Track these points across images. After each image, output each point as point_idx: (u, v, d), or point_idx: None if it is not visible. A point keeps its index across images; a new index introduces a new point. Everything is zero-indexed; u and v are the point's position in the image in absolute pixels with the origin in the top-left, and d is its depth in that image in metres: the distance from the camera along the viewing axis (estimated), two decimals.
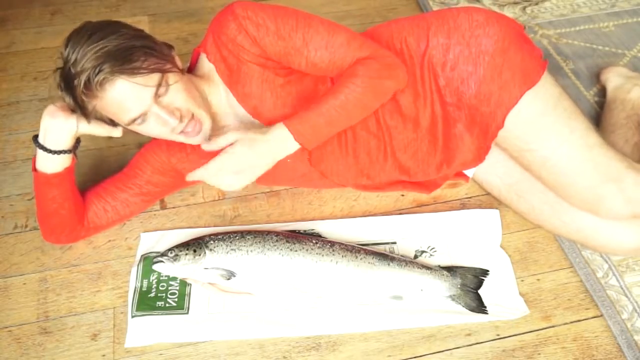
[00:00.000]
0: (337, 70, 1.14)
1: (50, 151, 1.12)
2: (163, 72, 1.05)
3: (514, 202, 1.29)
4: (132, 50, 1.02)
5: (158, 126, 1.08)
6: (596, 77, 1.62)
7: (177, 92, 1.07)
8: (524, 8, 1.92)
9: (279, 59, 1.12)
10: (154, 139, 1.20)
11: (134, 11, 1.94)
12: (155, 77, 1.04)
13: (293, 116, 1.12)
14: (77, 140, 1.16)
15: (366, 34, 1.24)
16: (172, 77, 1.07)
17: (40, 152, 1.13)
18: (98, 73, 0.99)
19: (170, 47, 1.13)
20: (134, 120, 1.06)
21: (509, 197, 1.30)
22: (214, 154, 1.13)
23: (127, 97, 1.03)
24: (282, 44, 1.10)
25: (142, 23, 1.88)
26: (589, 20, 1.85)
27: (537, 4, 1.94)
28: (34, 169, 1.15)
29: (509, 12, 1.90)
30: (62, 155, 1.13)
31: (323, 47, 1.11)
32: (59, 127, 1.11)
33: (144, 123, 1.08)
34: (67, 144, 1.13)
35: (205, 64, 1.17)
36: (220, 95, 1.18)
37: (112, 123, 1.12)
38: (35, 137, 1.13)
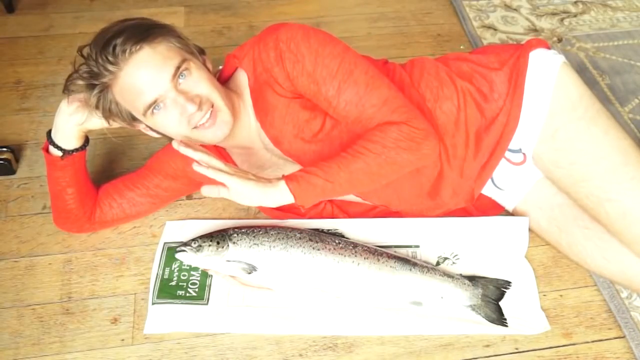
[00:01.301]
0: (361, 128, 1.08)
1: (60, 149, 1.15)
2: (185, 55, 1.04)
3: (555, 235, 1.24)
4: (156, 27, 1.04)
5: (176, 114, 1.03)
6: (632, 94, 1.59)
7: (199, 80, 1.04)
8: (562, 20, 1.89)
9: (310, 98, 1.10)
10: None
11: (171, 1, 1.95)
12: (176, 59, 1.02)
13: (295, 173, 1.04)
14: (86, 140, 1.18)
15: (414, 61, 1.24)
16: (195, 67, 1.05)
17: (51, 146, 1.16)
18: (123, 43, 0.99)
19: (202, 51, 1.12)
20: (150, 107, 1.02)
21: (550, 230, 1.24)
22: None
23: (146, 72, 1.00)
24: (314, 88, 1.07)
25: (178, 14, 1.90)
26: (628, 35, 1.82)
27: (575, 16, 1.91)
28: (44, 149, 1.18)
29: (546, 23, 1.87)
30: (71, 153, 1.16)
31: (353, 103, 1.06)
32: (66, 119, 1.13)
33: (160, 111, 1.03)
34: (75, 141, 1.15)
35: (241, 81, 1.15)
36: (248, 115, 1.16)
37: (129, 119, 1.09)
38: (50, 131, 1.16)
